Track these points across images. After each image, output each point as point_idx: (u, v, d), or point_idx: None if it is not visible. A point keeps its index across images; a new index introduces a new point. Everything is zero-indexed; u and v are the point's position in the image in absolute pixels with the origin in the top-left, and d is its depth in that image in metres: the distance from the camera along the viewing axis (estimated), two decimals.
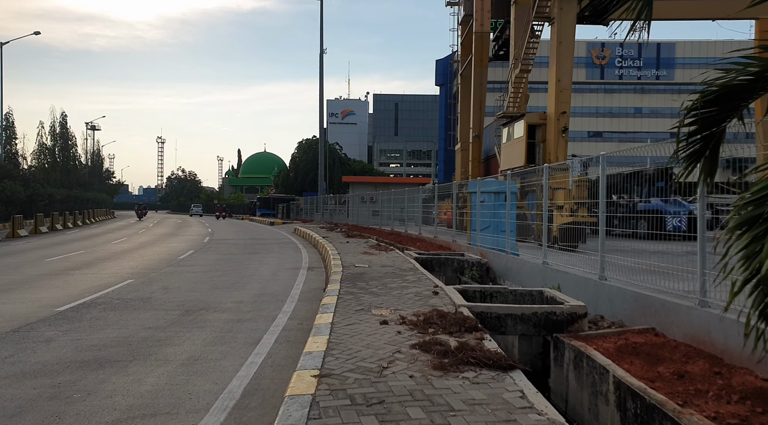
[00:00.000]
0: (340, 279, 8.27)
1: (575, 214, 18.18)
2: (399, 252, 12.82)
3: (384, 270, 9.43)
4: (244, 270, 11.34)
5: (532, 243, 13.01)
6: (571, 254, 9.37)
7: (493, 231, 13.91)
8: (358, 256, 11.82)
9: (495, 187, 14.65)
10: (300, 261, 12.99)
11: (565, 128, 21.26)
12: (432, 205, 23.85)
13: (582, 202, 17.72)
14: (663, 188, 8.68)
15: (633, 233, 7.49)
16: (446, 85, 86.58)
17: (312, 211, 38.70)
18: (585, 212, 18.30)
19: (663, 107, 78.62)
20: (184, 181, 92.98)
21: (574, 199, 19.19)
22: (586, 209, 18.43)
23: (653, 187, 10.17)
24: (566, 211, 19.04)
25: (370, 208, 28.36)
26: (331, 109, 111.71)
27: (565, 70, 20.94)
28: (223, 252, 15.25)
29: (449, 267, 11.34)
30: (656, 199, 13.32)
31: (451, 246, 15.40)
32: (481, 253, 12.77)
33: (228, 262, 13.20)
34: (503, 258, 11.44)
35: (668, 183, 8.41)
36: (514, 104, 24.84)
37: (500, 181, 15.24)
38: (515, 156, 23.25)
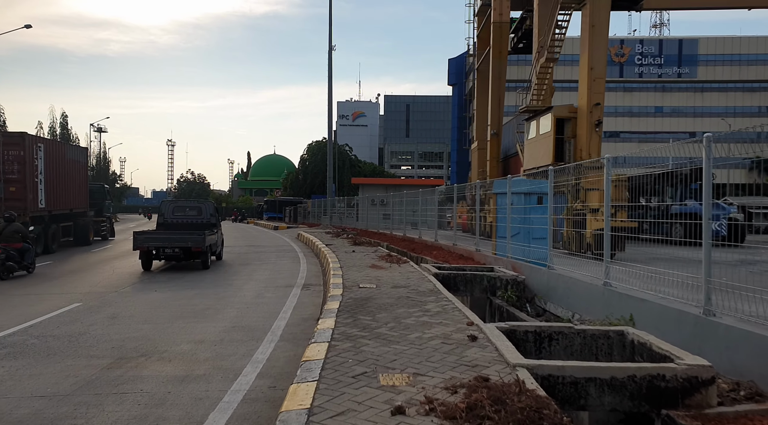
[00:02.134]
0: (337, 307, 6.13)
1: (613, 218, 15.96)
2: (414, 265, 10.65)
3: (396, 292, 7.27)
4: (225, 289, 9.29)
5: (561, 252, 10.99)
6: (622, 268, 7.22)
7: (524, 239, 11.75)
8: (365, 271, 9.67)
9: (526, 187, 12.43)
10: (295, 276, 10.91)
11: (598, 122, 18.99)
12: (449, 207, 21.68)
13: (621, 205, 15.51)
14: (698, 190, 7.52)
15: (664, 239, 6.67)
16: (459, 84, 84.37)
17: (320, 214, 36.70)
18: (624, 215, 16.02)
19: (685, 106, 75.67)
20: (193, 184, 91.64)
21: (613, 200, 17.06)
22: (625, 212, 16.13)
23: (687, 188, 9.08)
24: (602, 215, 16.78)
25: (381, 211, 26.30)
26: (342, 111, 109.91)
27: (598, 57, 18.68)
28: (211, 265, 13.21)
29: (477, 285, 9.15)
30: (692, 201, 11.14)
31: (474, 256, 13.24)
32: (513, 267, 10.59)
33: (211, 276, 11.13)
34: (543, 275, 9.24)
35: None
36: (539, 97, 22.59)
37: (532, 180, 12.95)
38: (541, 153, 20.97)
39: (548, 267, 9.24)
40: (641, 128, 75.51)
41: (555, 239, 11.89)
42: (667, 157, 7.62)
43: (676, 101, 75.76)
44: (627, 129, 75.85)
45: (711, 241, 5.33)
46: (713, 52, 74.00)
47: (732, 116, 71.41)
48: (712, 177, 5.62)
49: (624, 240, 12.92)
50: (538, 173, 17.71)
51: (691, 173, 7.17)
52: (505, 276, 9.21)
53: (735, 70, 74.39)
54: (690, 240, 5.59)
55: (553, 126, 19.98)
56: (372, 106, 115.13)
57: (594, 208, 17.51)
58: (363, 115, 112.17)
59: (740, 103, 75.44)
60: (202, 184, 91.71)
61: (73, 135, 49.28)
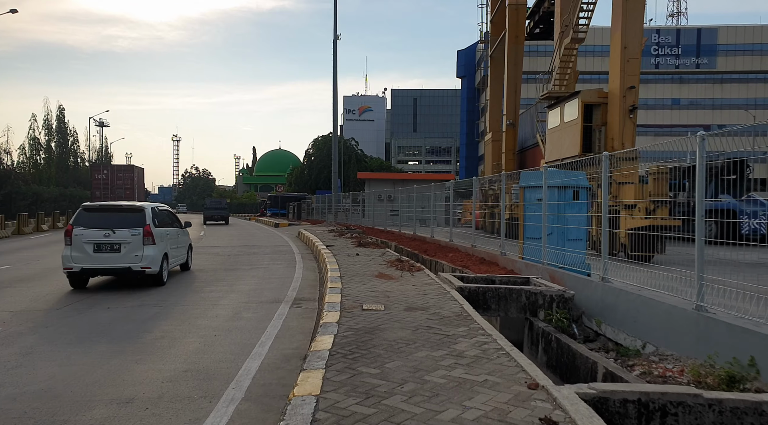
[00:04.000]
0: (329, 348, 4.24)
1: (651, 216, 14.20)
2: (430, 274, 8.74)
3: (412, 318, 5.37)
4: (196, 305, 7.40)
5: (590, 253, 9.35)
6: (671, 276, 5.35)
7: (557, 241, 9.84)
8: (370, 282, 7.78)
9: (560, 180, 10.47)
10: (287, 286, 8.98)
11: (633, 107, 16.94)
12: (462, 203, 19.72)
13: (663, 201, 13.54)
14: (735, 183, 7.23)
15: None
16: (469, 76, 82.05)
17: (324, 210, 34.84)
18: (666, 212, 14.12)
19: (703, 98, 73.01)
20: (198, 179, 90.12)
21: (650, 195, 15.14)
22: (667, 209, 14.22)
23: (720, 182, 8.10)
24: (640, 212, 14.99)
25: (388, 207, 24.40)
26: (348, 106, 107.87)
27: (633, 34, 16.62)
28: (192, 269, 11.33)
29: (513, 303, 7.23)
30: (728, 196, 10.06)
31: (499, 261, 11.34)
32: (551, 276, 8.68)
33: (186, 286, 9.25)
34: (596, 289, 7.32)
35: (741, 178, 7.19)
36: (562, 82, 20.56)
37: (567, 171, 10.97)
38: (566, 144, 18.95)
39: (602, 279, 7.30)
40: (657, 121, 72.84)
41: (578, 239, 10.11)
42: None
43: (694, 93, 73.11)
44: (642, 122, 72.87)
45: None
46: (733, 42, 71.23)
47: (753, 108, 68.71)
48: None
49: (664, 240, 11.17)
50: (563, 165, 15.73)
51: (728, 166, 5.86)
52: (548, 291, 7.27)
53: (756, 60, 71.60)
54: None
55: (580, 112, 17.95)
56: (379, 101, 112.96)
57: (628, 204, 15.55)
58: (369, 109, 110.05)
59: (762, 94, 72.65)
60: (207, 179, 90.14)
61: (70, 129, 47.64)
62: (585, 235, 10.59)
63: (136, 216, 9.22)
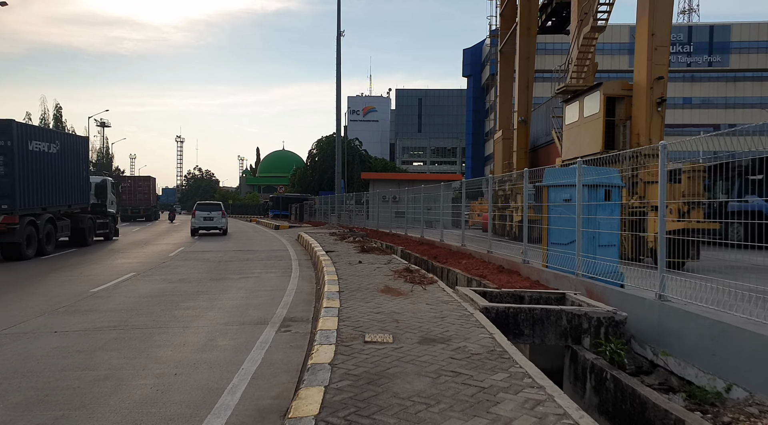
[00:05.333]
0: (314, 415, 2.89)
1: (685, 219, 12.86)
2: (445, 289, 7.41)
3: (430, 357, 4.05)
4: (163, 328, 6.05)
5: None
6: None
7: (587, 248, 8.51)
8: (375, 299, 6.45)
9: (590, 177, 9.14)
10: (277, 302, 7.62)
11: (661, 99, 15.56)
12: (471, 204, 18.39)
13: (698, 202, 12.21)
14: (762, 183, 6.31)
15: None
16: (475, 75, 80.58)
17: (327, 211, 33.54)
18: (701, 215, 12.83)
19: (716, 97, 71.30)
20: (200, 180, 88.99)
21: (684, 196, 13.86)
22: (702, 211, 12.92)
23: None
24: (672, 214, 13.61)
25: (393, 208, 23.09)
26: (352, 106, 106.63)
27: (661, 19, 15.25)
28: (174, 278, 9.99)
29: (551, 327, 5.88)
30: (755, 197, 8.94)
31: (521, 270, 10.01)
32: (588, 291, 7.36)
33: (160, 301, 7.91)
34: (653, 310, 6.00)
35: None
36: (579, 75, 19.18)
37: (598, 168, 9.60)
38: (586, 140, 17.57)
39: (659, 297, 5.95)
40: (668, 120, 70.54)
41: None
42: None
43: (706, 91, 71.40)
44: None
45: None
46: (747, 39, 69.51)
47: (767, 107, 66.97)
48: None
49: (698, 246, 9.27)
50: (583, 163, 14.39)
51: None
52: (594, 312, 5.90)
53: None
54: None
55: (602, 106, 16.58)
56: (383, 101, 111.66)
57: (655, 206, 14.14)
58: (374, 110, 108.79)
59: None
60: (210, 180, 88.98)
61: (69, 128, 46.46)
62: (618, 240, 9.26)
63: (217, 206, 25.18)
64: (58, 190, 16.59)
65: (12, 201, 13.77)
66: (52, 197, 16.22)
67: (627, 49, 69.76)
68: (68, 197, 17.41)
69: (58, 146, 16.62)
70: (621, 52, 66.91)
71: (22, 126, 14.82)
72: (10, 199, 13.75)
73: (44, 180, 15.65)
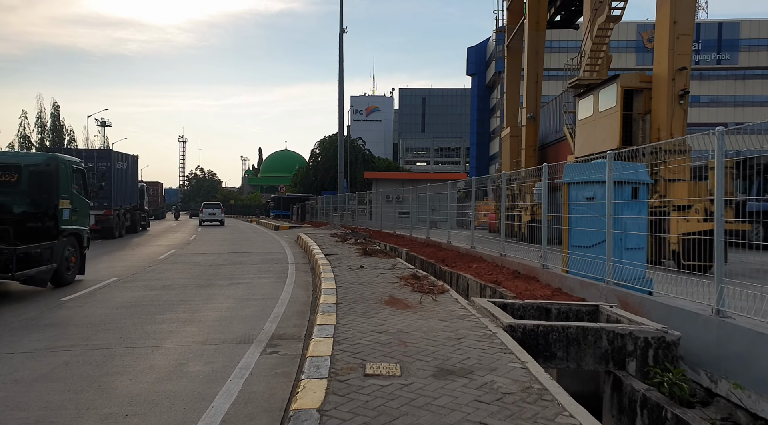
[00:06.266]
0: None
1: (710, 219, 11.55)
2: (459, 300, 6.46)
3: (449, 400, 3.10)
4: (127, 349, 5.07)
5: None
6: None
7: (612, 251, 7.60)
8: (377, 314, 5.51)
9: (616, 174, 8.22)
10: (267, 313, 6.64)
11: (684, 91, 14.57)
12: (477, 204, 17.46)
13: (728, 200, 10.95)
14: None
15: None
16: (479, 73, 79.54)
17: (329, 211, 32.62)
18: (731, 214, 11.78)
19: (724, 95, 70.05)
20: (203, 181, 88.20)
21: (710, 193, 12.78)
22: (732, 210, 11.93)
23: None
24: (698, 214, 12.62)
25: (397, 208, 22.15)
26: (356, 106, 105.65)
27: (684, 6, 14.27)
28: (157, 285, 9.00)
29: (588, 349, 4.92)
30: None
31: (539, 275, 9.07)
32: (622, 302, 6.43)
33: (134, 313, 6.97)
34: (709, 328, 5.10)
35: None
36: (593, 68, 18.21)
37: (624, 163, 8.67)
38: (602, 136, 16.58)
39: (717, 313, 5.00)
40: None
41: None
42: None
43: (715, 90, 70.15)
44: None
45: None
46: (756, 36, 68.27)
47: None
48: None
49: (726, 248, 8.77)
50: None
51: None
52: (640, 331, 4.94)
53: None
54: None
55: (619, 99, 15.58)
56: (386, 101, 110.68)
57: (679, 205, 13.23)
58: (377, 109, 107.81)
59: None
60: (212, 180, 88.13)
61: (67, 128, 45.71)
62: (646, 243, 8.32)
63: (218, 205, 39.59)
64: (126, 193, 24.68)
65: (109, 201, 21.71)
66: (125, 199, 24.50)
67: (634, 46, 68.68)
68: (131, 198, 25.64)
69: (126, 164, 24.89)
70: (628, 49, 65.83)
71: (114, 153, 23.66)
72: (108, 200, 21.56)
73: (122, 187, 23.82)
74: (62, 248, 9.41)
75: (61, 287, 9.02)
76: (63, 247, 9.45)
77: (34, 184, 9.20)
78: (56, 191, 9.46)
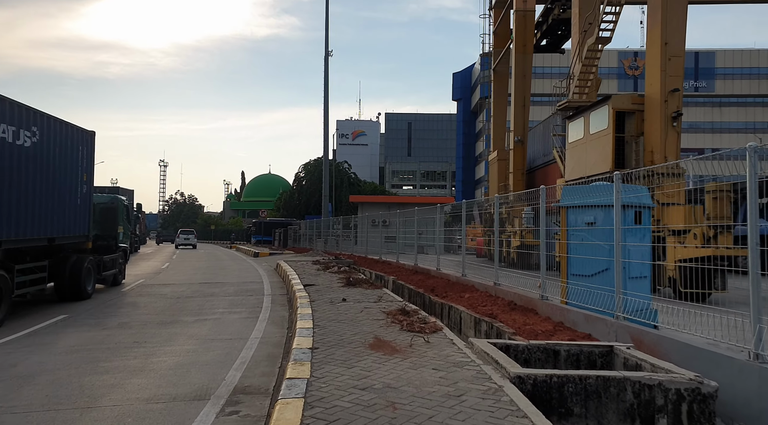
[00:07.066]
0: None
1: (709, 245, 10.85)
2: (455, 343, 5.66)
3: None
4: (55, 410, 4.05)
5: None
6: None
7: (613, 280, 6.95)
8: (360, 362, 4.68)
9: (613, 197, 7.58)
10: (232, 359, 5.61)
11: (677, 113, 14.20)
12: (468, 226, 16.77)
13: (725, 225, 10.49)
14: None
15: None
16: (465, 99, 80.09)
17: (313, 236, 31.63)
18: (729, 240, 11.36)
19: (702, 121, 71.23)
20: (182, 206, 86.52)
21: (708, 218, 12.51)
22: (731, 235, 11.52)
23: None
24: (696, 239, 12.13)
25: (383, 233, 21.34)
26: (341, 130, 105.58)
27: (675, 27, 14.01)
28: (112, 323, 7.89)
29: (611, 403, 4.13)
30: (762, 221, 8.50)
31: (537, 307, 8.33)
32: (636, 340, 5.71)
33: (75, 359, 5.97)
34: (749, 376, 4.37)
35: None
36: (582, 90, 17.85)
37: (627, 186, 8.02)
38: (593, 159, 16.11)
39: (757, 358, 4.28)
40: None
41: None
42: None
43: (693, 116, 71.34)
44: None
45: None
46: (731, 66, 69.93)
47: (752, 132, 66.98)
48: None
49: (725, 275, 8.57)
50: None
51: None
52: (671, 381, 4.18)
53: (754, 84, 70.37)
54: None
55: (612, 121, 15.16)
56: (372, 125, 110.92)
57: (676, 230, 12.78)
58: (363, 134, 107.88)
59: (761, 118, 71.15)
60: (192, 205, 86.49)
61: None
62: (650, 271, 7.64)
63: (192, 232, 47.19)
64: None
65: None
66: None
67: (616, 73, 69.85)
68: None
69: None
70: (610, 76, 66.86)
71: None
72: None
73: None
74: (119, 259, 13.97)
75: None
76: (119, 258, 13.96)
77: (104, 217, 13.53)
78: (117, 221, 14.14)
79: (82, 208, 11.32)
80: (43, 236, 9.69)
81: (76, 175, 11.06)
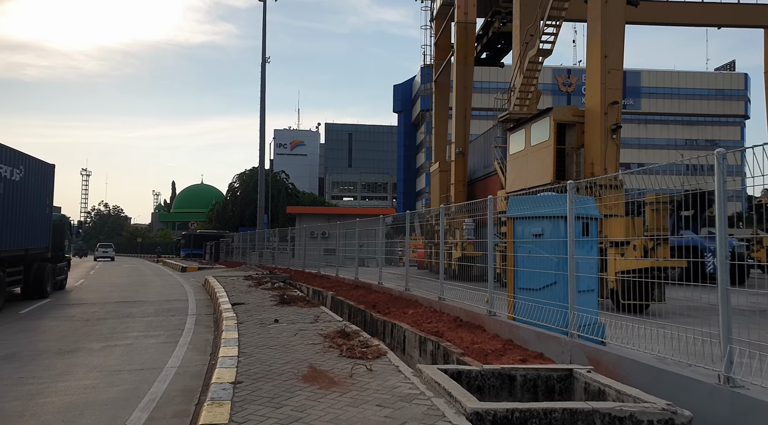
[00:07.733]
0: None
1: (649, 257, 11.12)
2: (401, 371, 4.98)
3: None
4: None
5: None
6: None
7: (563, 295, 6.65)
8: (292, 397, 3.91)
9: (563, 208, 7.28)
10: (138, 397, 4.54)
11: (616, 126, 14.40)
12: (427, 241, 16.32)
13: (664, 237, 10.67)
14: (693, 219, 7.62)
15: None
16: (406, 111, 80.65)
17: (247, 250, 30.16)
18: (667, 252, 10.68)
19: (629, 138, 75.35)
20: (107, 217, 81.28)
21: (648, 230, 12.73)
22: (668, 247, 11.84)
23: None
24: (635, 251, 12.26)
25: (322, 245, 20.48)
26: (279, 140, 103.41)
27: (614, 41, 14.24)
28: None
29: None
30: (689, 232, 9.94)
31: (484, 323, 7.87)
32: (592, 360, 5.30)
33: None
34: (719, 402, 3.96)
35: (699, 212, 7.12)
36: (523, 102, 17.91)
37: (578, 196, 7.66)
38: (535, 169, 16.08)
39: (727, 381, 3.90)
40: None
41: None
42: None
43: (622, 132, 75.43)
44: None
45: None
46: (655, 85, 74.57)
47: (673, 148, 71.56)
48: None
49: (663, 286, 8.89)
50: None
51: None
52: (643, 412, 3.73)
53: (675, 104, 75.30)
54: None
55: (553, 133, 15.16)
56: (312, 135, 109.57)
57: (616, 242, 12.82)
58: (302, 144, 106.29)
59: (680, 135, 76.23)
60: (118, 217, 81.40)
61: None
62: (597, 284, 7.37)
63: (110, 245, 51.49)
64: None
65: None
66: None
67: (550, 89, 72.58)
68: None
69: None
70: (545, 92, 69.25)
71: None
72: None
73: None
74: (65, 267, 17.32)
75: None
76: (65, 266, 17.28)
77: (55, 232, 15.74)
78: (64, 235, 17.24)
79: (45, 226, 14.95)
80: (22, 247, 13.18)
81: (43, 199, 14.73)
